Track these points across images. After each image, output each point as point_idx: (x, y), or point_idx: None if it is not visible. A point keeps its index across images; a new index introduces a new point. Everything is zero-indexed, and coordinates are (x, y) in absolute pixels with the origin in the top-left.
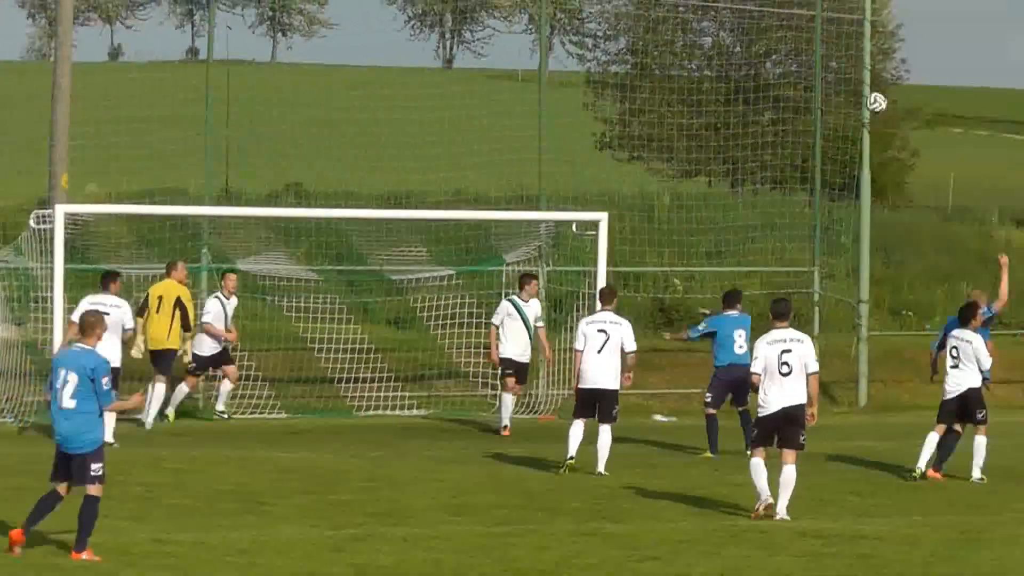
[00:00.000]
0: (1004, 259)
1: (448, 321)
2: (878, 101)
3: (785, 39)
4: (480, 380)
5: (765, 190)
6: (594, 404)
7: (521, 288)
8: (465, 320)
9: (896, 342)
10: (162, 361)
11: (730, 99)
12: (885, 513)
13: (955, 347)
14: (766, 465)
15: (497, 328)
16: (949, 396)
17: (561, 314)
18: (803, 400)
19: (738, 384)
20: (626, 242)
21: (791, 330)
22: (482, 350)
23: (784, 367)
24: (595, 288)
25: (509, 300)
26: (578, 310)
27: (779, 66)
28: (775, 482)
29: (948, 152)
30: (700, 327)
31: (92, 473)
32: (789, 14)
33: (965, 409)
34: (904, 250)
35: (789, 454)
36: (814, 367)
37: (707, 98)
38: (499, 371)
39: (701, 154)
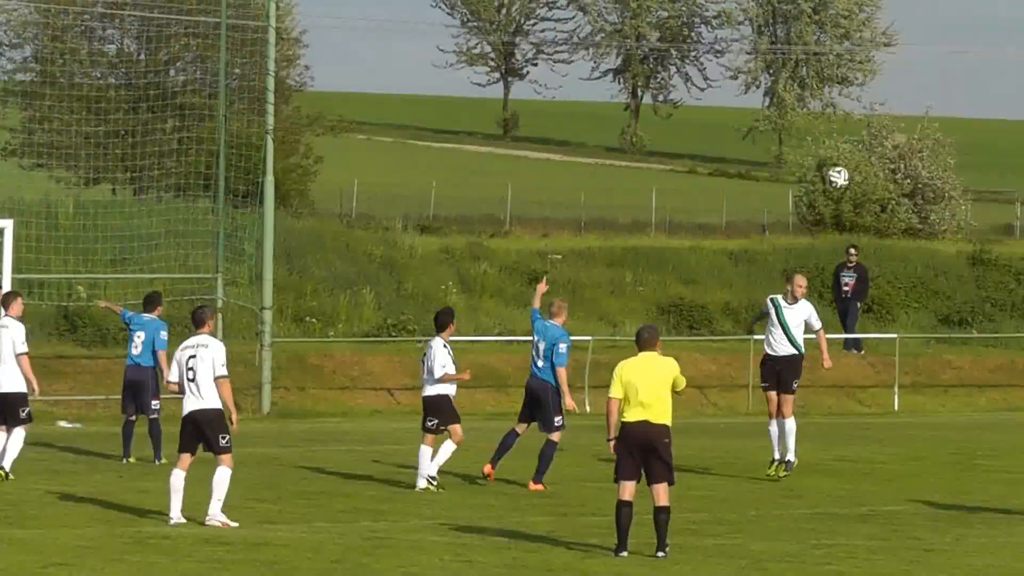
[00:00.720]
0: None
1: None
2: (839, 177)
3: (190, 46)
4: None
5: (169, 197)
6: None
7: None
8: None
9: (299, 348)
10: None
11: (135, 107)
12: (289, 520)
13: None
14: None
15: None
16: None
17: None
18: (215, 405)
19: (135, 387)
20: (31, 250)
21: (203, 336)
22: None
23: (190, 372)
24: None
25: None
26: None
27: (183, 73)
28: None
29: (352, 159)
30: (129, 314)
31: None
32: (194, 21)
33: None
34: (307, 257)
35: (220, 458)
36: (220, 371)
37: (112, 106)
38: None
39: (105, 162)
